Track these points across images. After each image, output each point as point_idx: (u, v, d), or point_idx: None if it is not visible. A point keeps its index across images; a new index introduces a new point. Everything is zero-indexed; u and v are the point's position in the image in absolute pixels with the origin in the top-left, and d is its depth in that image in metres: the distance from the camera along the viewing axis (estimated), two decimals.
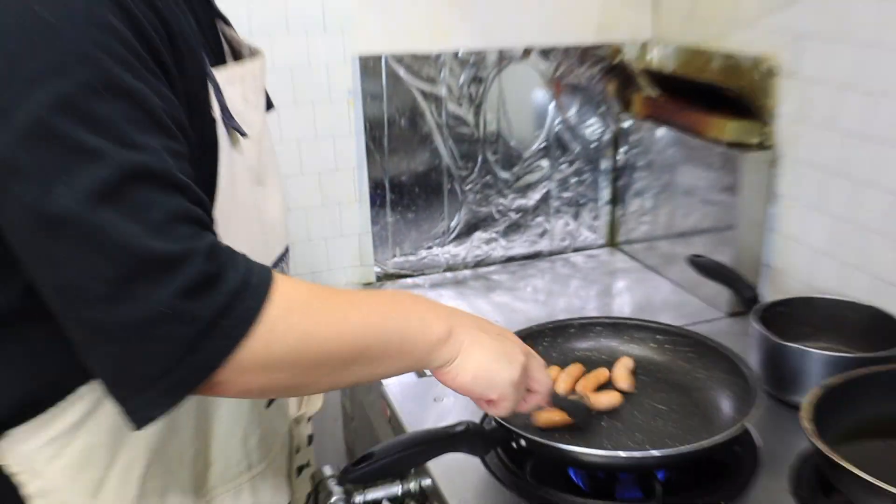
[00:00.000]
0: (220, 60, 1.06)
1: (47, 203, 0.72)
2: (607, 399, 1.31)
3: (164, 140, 0.78)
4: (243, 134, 1.00)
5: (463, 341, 0.95)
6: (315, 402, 1.36)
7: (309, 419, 1.38)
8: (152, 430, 0.97)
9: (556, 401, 1.17)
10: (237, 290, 0.78)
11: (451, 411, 1.44)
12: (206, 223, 0.81)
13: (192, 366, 0.76)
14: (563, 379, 1.36)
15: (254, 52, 1.12)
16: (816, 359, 1.35)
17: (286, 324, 0.81)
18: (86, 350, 0.78)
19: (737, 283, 1.58)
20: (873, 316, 1.47)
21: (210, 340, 0.76)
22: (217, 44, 1.08)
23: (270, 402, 1.14)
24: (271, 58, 1.79)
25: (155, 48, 0.81)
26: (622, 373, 1.38)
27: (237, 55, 1.12)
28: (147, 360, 0.75)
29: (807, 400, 1.18)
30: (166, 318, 0.74)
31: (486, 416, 1.31)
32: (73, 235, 0.72)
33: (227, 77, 0.99)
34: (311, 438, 1.37)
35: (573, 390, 1.35)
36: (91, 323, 0.75)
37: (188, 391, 0.78)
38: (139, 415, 0.78)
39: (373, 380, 1.23)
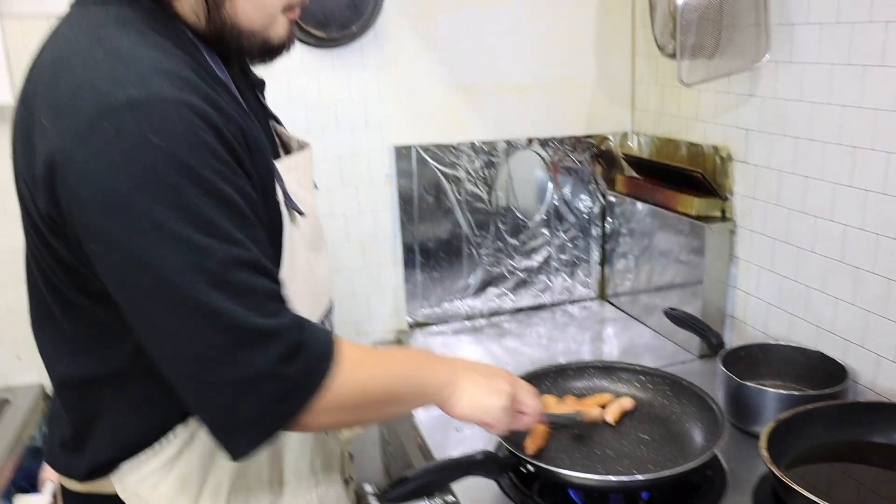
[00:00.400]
0: (275, 154, 1.08)
1: (168, 292, 0.76)
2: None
3: (249, 231, 0.82)
4: (301, 213, 1.03)
5: (461, 383, 1.01)
6: (356, 428, 1.37)
7: (349, 441, 1.39)
8: None
9: (550, 418, 1.21)
10: (317, 356, 0.83)
11: (469, 439, 1.46)
12: (285, 298, 0.84)
13: (281, 413, 0.81)
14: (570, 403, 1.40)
15: (302, 145, 1.14)
16: (771, 396, 1.36)
17: (349, 378, 0.86)
18: (196, 402, 0.81)
19: (705, 332, 1.58)
20: (818, 358, 1.47)
21: (297, 394, 0.81)
22: (272, 140, 1.10)
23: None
24: (324, 149, 1.87)
25: (237, 155, 0.84)
26: (615, 408, 1.38)
27: (286, 147, 1.14)
28: (247, 410, 0.79)
29: (764, 431, 1.19)
30: (265, 378, 0.78)
31: (499, 444, 1.33)
32: (191, 316, 0.76)
33: (285, 166, 1.02)
34: (351, 456, 1.39)
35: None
36: (205, 381, 0.78)
37: (277, 433, 0.82)
38: (238, 451, 0.82)
39: (403, 414, 1.29)
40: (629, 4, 2.02)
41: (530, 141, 2.03)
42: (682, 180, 1.81)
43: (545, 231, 2.11)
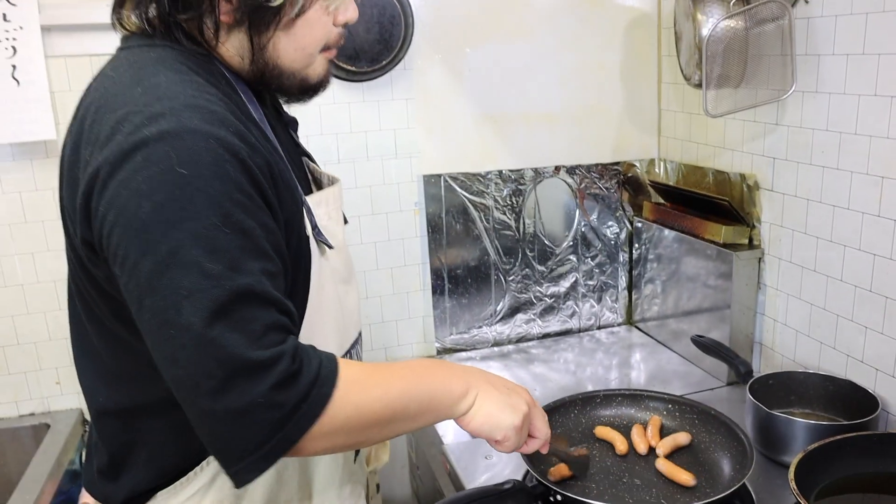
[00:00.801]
0: (307, 189, 1.11)
1: (176, 316, 0.77)
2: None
3: (263, 263, 0.83)
4: (330, 246, 1.05)
5: (476, 395, 0.98)
6: (382, 457, 1.38)
7: (375, 471, 1.40)
8: (266, 485, 1.02)
9: (555, 453, 1.19)
10: (312, 381, 0.82)
11: (497, 465, 1.47)
12: (290, 329, 0.85)
13: (279, 440, 0.81)
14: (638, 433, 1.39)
15: (332, 180, 1.17)
16: (800, 426, 1.35)
17: (346, 402, 0.85)
18: (198, 428, 0.82)
19: (733, 360, 1.57)
20: (848, 388, 1.47)
21: (293, 421, 0.81)
22: (304, 176, 1.13)
23: (356, 457, 1.17)
24: (354, 178, 1.91)
25: (262, 189, 0.86)
26: (668, 443, 1.35)
27: (318, 183, 1.17)
28: (245, 438, 0.79)
29: (793, 462, 1.18)
30: (260, 406, 0.78)
31: (527, 473, 1.33)
32: (192, 343, 0.77)
33: (315, 201, 1.05)
34: (378, 487, 1.40)
35: (581, 446, 1.37)
36: (202, 409, 0.79)
37: (276, 459, 0.82)
38: (239, 477, 0.82)
39: (412, 431, 1.28)
40: (655, 34, 2.04)
41: (557, 169, 2.05)
42: (709, 207, 1.82)
43: (572, 257, 2.12)
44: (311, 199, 1.03)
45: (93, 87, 0.93)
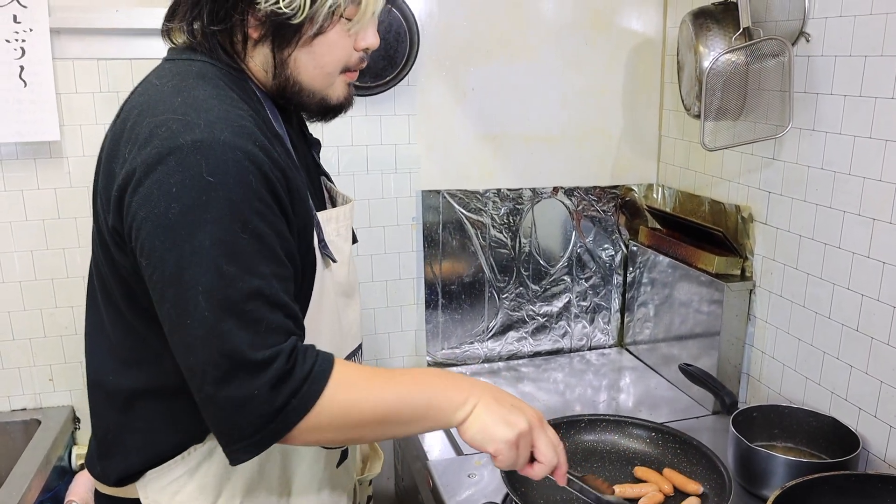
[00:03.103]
0: (322, 205, 1.17)
1: (193, 309, 0.85)
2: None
3: (275, 268, 0.90)
4: (334, 260, 1.10)
5: (475, 405, 0.98)
6: (375, 468, 1.39)
7: (370, 482, 1.41)
8: (247, 476, 1.07)
9: (573, 485, 1.12)
10: (304, 379, 0.89)
11: (479, 484, 1.47)
12: (293, 331, 0.91)
13: (270, 431, 0.88)
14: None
15: (346, 200, 1.22)
16: (780, 461, 1.35)
17: (336, 399, 0.91)
18: (203, 411, 0.90)
19: (718, 391, 1.58)
20: (830, 424, 1.47)
21: (284, 414, 0.88)
22: (321, 193, 1.19)
23: (339, 463, 1.20)
24: (353, 191, 1.92)
25: (279, 199, 0.93)
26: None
27: (333, 201, 1.22)
28: (241, 425, 0.87)
29: (770, 498, 1.18)
30: (256, 399, 0.86)
31: (507, 496, 1.34)
32: (204, 334, 0.85)
33: (326, 217, 1.10)
34: (370, 499, 1.41)
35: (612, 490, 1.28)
36: (207, 394, 0.87)
37: (267, 446, 0.90)
38: (234, 457, 0.90)
39: (408, 435, 1.37)
40: (659, 60, 2.05)
41: (556, 189, 2.06)
42: (704, 236, 1.82)
43: (567, 278, 2.13)
44: (322, 215, 1.09)
45: (137, 92, 0.99)
